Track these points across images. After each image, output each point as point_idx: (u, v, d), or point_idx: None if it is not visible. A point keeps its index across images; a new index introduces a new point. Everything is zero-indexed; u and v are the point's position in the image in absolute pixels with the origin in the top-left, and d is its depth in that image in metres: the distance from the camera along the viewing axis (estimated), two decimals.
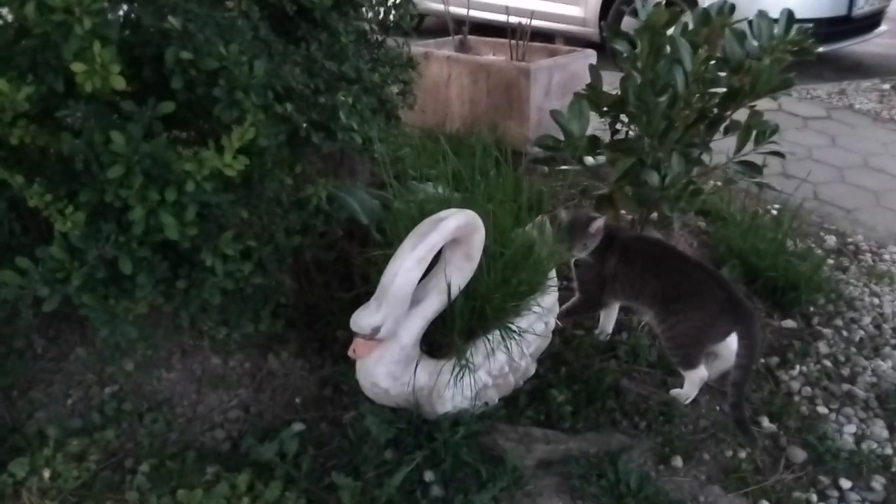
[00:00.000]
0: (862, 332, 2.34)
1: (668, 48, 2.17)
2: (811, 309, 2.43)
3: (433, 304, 1.74)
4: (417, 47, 3.78)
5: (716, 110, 2.26)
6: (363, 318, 1.62)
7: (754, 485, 1.79)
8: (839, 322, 2.38)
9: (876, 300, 2.51)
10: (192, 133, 1.69)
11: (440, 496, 1.69)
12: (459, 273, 1.74)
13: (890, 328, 2.37)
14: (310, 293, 2.15)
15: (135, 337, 1.56)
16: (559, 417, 1.92)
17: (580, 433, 1.89)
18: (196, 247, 1.55)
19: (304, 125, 1.70)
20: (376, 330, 1.63)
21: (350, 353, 1.70)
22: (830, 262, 2.75)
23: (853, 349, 2.26)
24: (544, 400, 1.96)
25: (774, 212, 3.07)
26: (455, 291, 1.74)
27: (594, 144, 2.39)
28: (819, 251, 2.79)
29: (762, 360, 2.19)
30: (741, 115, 2.32)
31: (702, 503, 1.73)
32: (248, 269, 1.72)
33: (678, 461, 1.83)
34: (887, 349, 2.26)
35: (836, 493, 1.78)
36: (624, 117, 2.38)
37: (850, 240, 2.90)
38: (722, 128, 2.39)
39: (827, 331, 2.33)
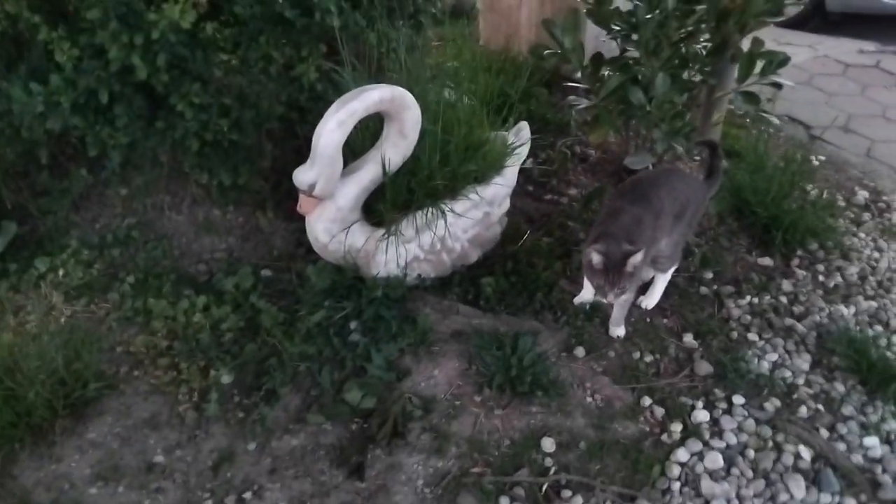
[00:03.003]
0: (840, 280, 2.26)
1: None
2: (798, 252, 2.37)
3: (369, 174, 1.95)
4: None
5: (707, 33, 2.24)
6: (300, 175, 1.87)
7: (645, 383, 1.87)
8: (821, 267, 2.31)
9: (877, 254, 2.39)
10: None
11: (356, 341, 1.94)
12: (394, 149, 1.93)
13: (875, 281, 2.27)
14: None
15: (118, 161, 1.91)
16: (485, 299, 2.09)
17: (499, 314, 2.05)
18: (169, 93, 1.86)
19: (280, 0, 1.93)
20: (312, 186, 1.87)
21: (298, 208, 1.96)
22: (851, 215, 2.62)
23: (820, 292, 2.20)
24: (476, 284, 2.13)
25: (816, 162, 2.93)
26: (389, 165, 1.94)
27: (598, 61, 2.44)
28: (842, 203, 2.67)
29: (714, 287, 2.20)
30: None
31: (586, 388, 1.86)
32: (226, 124, 2.02)
33: (581, 352, 1.95)
34: (859, 298, 2.19)
35: (724, 406, 1.83)
36: (635, 36, 2.40)
37: (884, 198, 2.73)
38: (729, 55, 2.36)
39: (802, 273, 2.28)
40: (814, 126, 3.22)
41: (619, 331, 2.00)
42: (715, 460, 1.68)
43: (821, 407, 1.82)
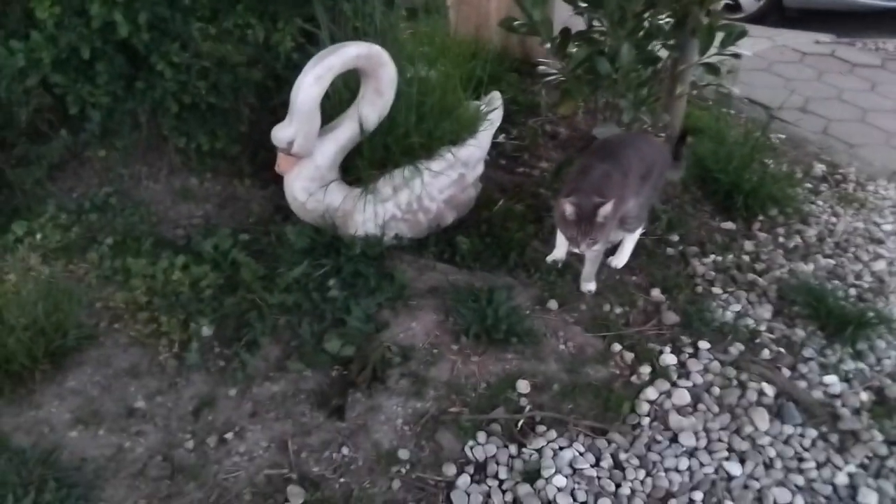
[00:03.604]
0: (799, 241, 2.37)
1: None
2: (759, 218, 2.47)
3: (346, 132, 2.00)
4: None
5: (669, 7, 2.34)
6: (278, 132, 1.91)
7: (615, 331, 1.94)
8: (781, 230, 2.41)
9: (834, 219, 2.51)
10: None
11: (336, 296, 1.98)
12: (371, 107, 1.99)
13: (833, 242, 2.38)
14: None
15: (98, 120, 1.93)
16: (461, 257, 2.14)
17: (474, 271, 2.10)
18: (150, 52, 1.90)
19: None
20: (290, 144, 1.92)
21: (276, 167, 2.00)
22: (810, 185, 2.74)
23: (780, 251, 2.30)
24: (452, 244, 2.19)
25: (776, 140, 3.05)
26: (367, 123, 1.99)
27: (566, 35, 2.53)
28: (800, 176, 2.78)
29: (680, 248, 2.28)
30: None
31: (559, 337, 1.92)
32: (204, 87, 2.06)
33: (554, 304, 2.01)
34: (818, 257, 2.29)
35: (690, 350, 1.90)
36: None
37: (840, 170, 2.85)
38: (689, 29, 2.46)
39: (763, 235, 2.38)
40: (773, 108, 3.35)
41: (590, 286, 2.07)
42: (682, 397, 1.75)
43: (782, 350, 1.91)
